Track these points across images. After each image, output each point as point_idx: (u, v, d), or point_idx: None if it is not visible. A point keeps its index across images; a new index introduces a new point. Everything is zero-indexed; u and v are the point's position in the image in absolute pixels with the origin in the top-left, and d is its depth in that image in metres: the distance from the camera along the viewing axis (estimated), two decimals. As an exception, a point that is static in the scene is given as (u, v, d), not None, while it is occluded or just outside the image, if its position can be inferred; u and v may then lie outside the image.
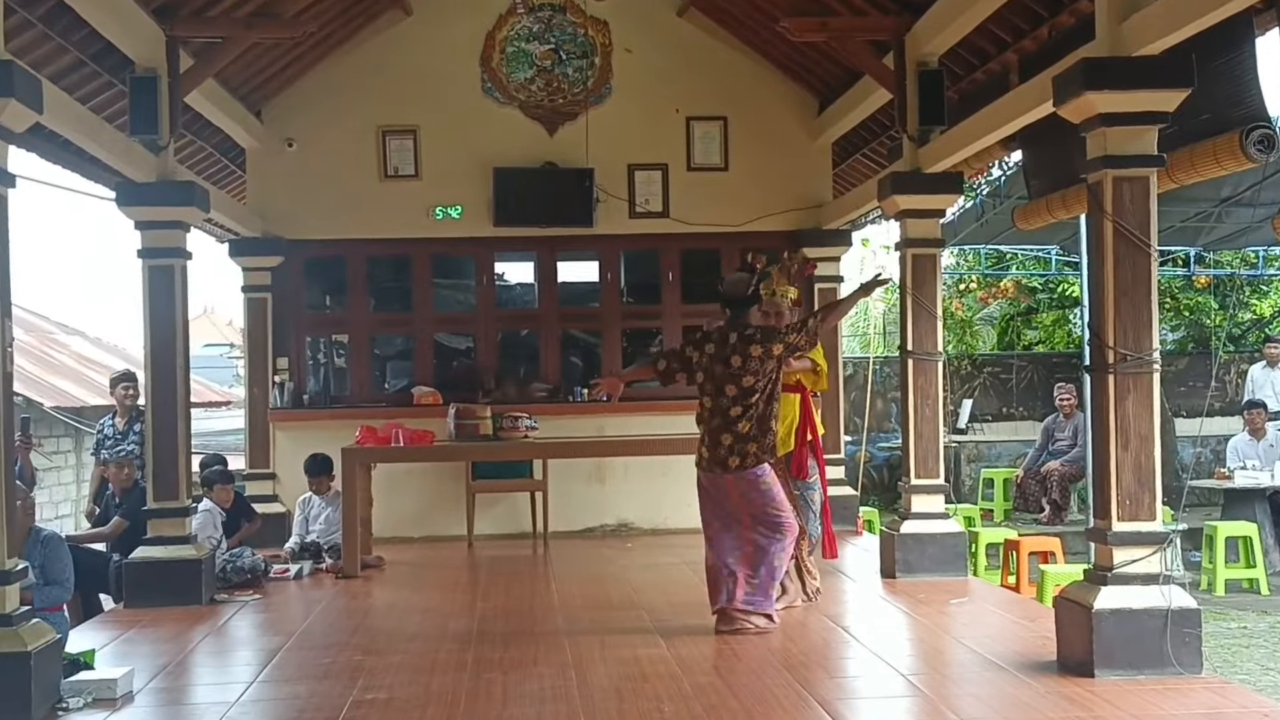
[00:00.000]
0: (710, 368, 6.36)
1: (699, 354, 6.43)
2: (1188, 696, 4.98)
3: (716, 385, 6.34)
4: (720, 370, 6.33)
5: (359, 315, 10.74)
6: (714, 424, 6.35)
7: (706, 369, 6.38)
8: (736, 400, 6.29)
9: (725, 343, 6.36)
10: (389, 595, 7.99)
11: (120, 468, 8.65)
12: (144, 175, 7.50)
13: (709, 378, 6.37)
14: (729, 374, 6.31)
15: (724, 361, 6.33)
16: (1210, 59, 5.73)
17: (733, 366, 6.30)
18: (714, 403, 6.35)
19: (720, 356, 6.35)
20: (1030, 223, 8.05)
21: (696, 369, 6.42)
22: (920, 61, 7.73)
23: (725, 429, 6.31)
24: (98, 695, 5.23)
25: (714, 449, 6.34)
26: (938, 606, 6.96)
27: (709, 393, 6.37)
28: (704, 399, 6.41)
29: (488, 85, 10.50)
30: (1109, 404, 5.41)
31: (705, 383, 6.39)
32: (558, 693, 5.27)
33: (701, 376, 6.40)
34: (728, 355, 6.33)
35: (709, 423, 6.38)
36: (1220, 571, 9.99)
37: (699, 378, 6.42)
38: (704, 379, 6.39)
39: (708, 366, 6.37)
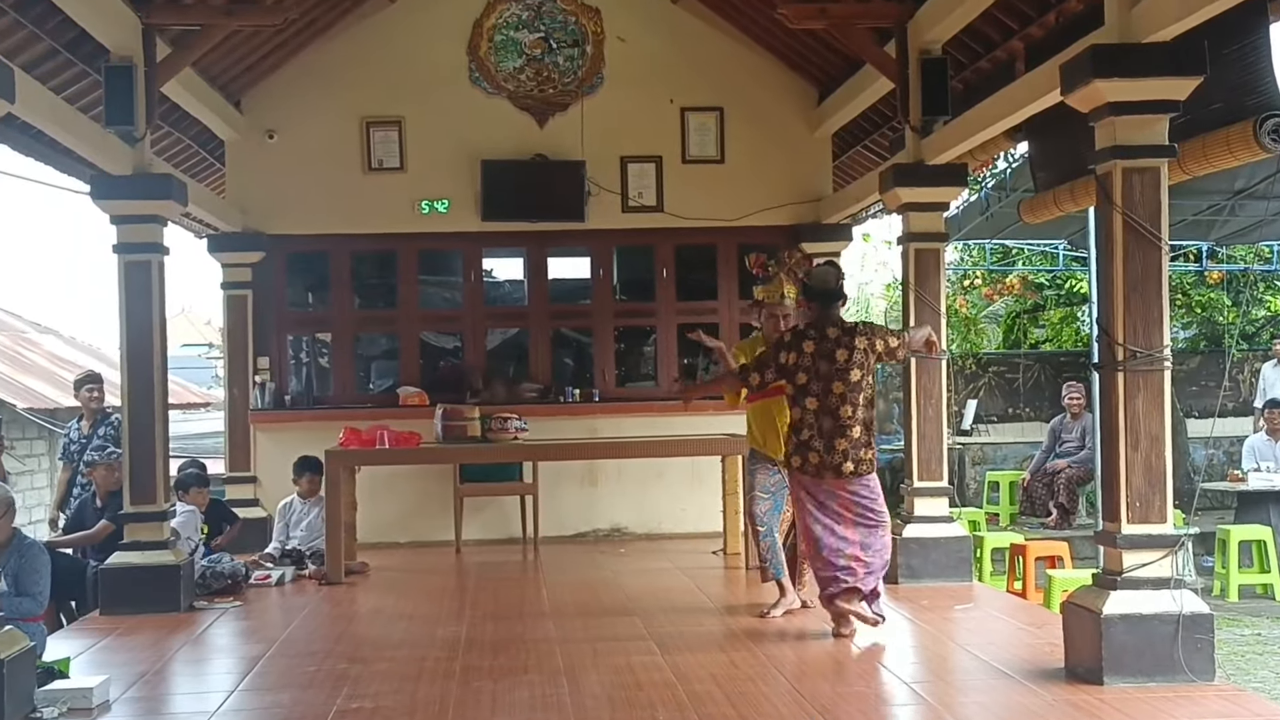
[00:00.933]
0: (814, 365, 6.04)
1: (796, 354, 6.07)
2: (1200, 705, 4.89)
3: (824, 384, 6.04)
4: (826, 367, 6.03)
5: (343, 313, 10.54)
6: (824, 426, 6.04)
7: (809, 368, 6.04)
8: (845, 398, 6.03)
9: (826, 337, 6.08)
10: (374, 601, 7.85)
11: (110, 470, 8.47)
12: (119, 168, 7.37)
13: (814, 376, 6.05)
14: (835, 370, 6.03)
15: (829, 357, 6.03)
16: (1223, 46, 5.65)
17: (838, 361, 6.03)
18: (821, 403, 6.04)
19: (824, 352, 6.05)
20: (1037, 216, 7.93)
21: (797, 370, 6.07)
22: (923, 50, 7.59)
23: (839, 433, 6.03)
24: (73, 705, 5.14)
25: (828, 454, 6.03)
26: (942, 613, 6.88)
27: (814, 393, 6.04)
28: (806, 400, 6.06)
29: (475, 75, 10.30)
30: (1118, 403, 5.32)
31: (810, 383, 6.05)
32: (549, 701, 5.18)
33: (805, 377, 6.06)
34: (832, 350, 6.05)
35: (817, 425, 6.05)
36: (1234, 576, 9.88)
37: (800, 379, 6.07)
38: (807, 379, 6.05)
39: (810, 365, 6.04)
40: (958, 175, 7.80)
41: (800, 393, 6.09)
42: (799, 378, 6.08)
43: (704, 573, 8.34)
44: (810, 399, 6.06)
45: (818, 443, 6.05)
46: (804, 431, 6.09)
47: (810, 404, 6.06)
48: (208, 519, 8.70)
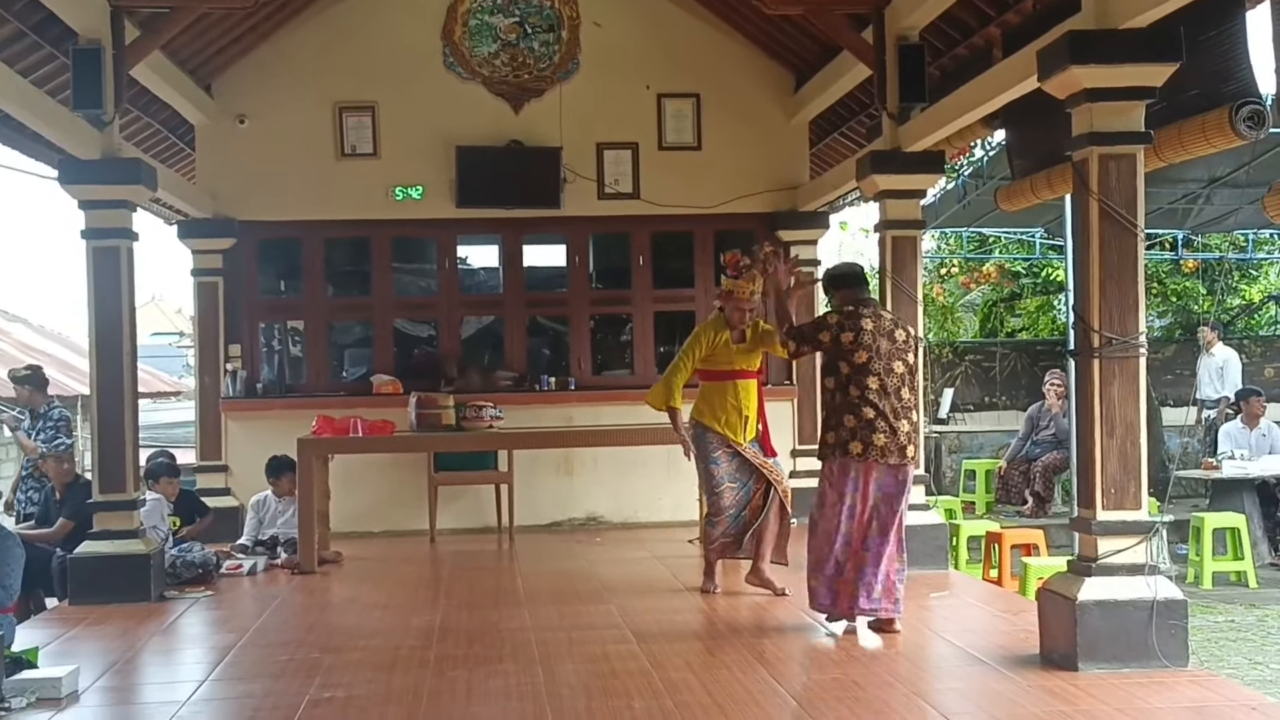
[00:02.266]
0: (875, 344, 5.83)
1: (853, 333, 5.84)
2: (1173, 690, 4.91)
3: (885, 363, 5.84)
4: (887, 346, 5.85)
5: (315, 300, 10.44)
6: (889, 406, 5.82)
7: (870, 346, 5.82)
8: (904, 380, 5.88)
9: (882, 317, 5.96)
10: (348, 591, 7.79)
11: (59, 462, 8.39)
12: (88, 152, 7.27)
13: (875, 355, 5.83)
14: (895, 350, 5.87)
15: (889, 336, 5.87)
16: (1199, 32, 5.64)
17: (897, 341, 5.89)
18: (882, 382, 5.82)
19: (884, 330, 5.88)
20: (1014, 203, 7.92)
21: (855, 349, 5.82)
22: (900, 36, 7.58)
23: (903, 414, 5.86)
24: (41, 695, 5.08)
25: (893, 435, 5.82)
26: (918, 600, 6.83)
27: (876, 372, 5.82)
28: (868, 379, 5.81)
29: (450, 60, 10.22)
30: (1094, 389, 5.33)
31: (871, 361, 5.82)
32: (524, 690, 5.14)
33: (865, 355, 5.81)
34: (892, 330, 5.91)
35: (879, 405, 5.81)
36: (1207, 564, 9.90)
37: (860, 357, 5.81)
38: (868, 357, 5.81)
39: (871, 344, 5.83)
40: (935, 162, 7.78)
41: (860, 371, 5.82)
42: (858, 356, 5.83)
43: (680, 561, 8.31)
44: (872, 378, 5.81)
45: (883, 423, 5.82)
46: (866, 410, 5.82)
47: (872, 383, 5.81)
48: (178, 510, 8.63)
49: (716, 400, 6.93)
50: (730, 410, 6.88)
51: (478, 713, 4.85)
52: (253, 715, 4.92)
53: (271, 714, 4.89)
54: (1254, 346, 16.47)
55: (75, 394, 14.70)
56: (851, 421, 5.86)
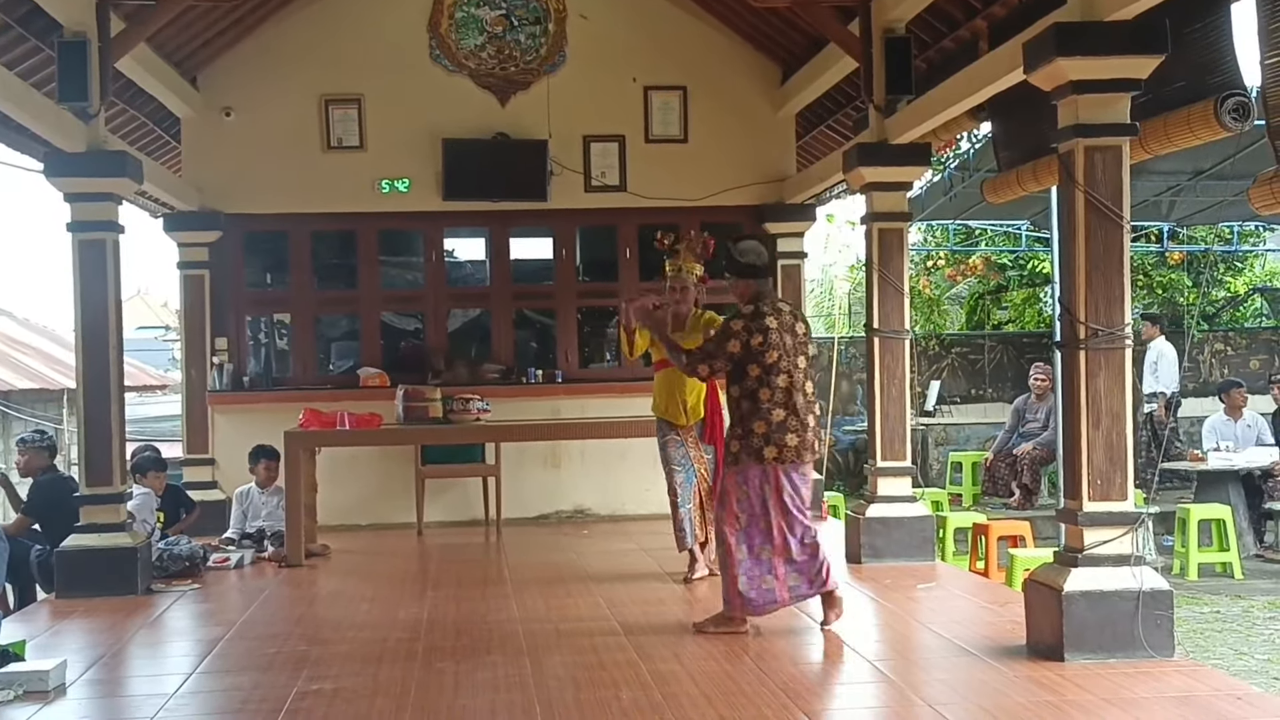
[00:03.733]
0: (781, 341, 5.73)
1: (760, 334, 5.71)
2: (1159, 680, 4.92)
3: (791, 359, 5.76)
4: (790, 342, 5.77)
5: (302, 293, 10.40)
6: (798, 403, 5.75)
7: (777, 344, 5.73)
8: (808, 375, 5.84)
9: (782, 312, 5.84)
10: (335, 584, 7.78)
11: (21, 454, 8.43)
12: (73, 145, 7.23)
13: (783, 353, 5.74)
14: (798, 345, 5.81)
15: (790, 331, 5.80)
16: (1185, 24, 5.66)
17: (799, 335, 5.83)
18: (790, 379, 5.74)
19: (786, 326, 5.79)
20: (1000, 196, 7.93)
21: (765, 350, 5.71)
22: (887, 28, 7.57)
23: (810, 409, 5.82)
24: (29, 688, 5.07)
25: (803, 432, 5.76)
26: (905, 592, 6.89)
27: (784, 369, 5.72)
28: (777, 379, 5.72)
29: (436, 52, 10.19)
30: (1080, 381, 5.34)
31: (780, 359, 5.72)
32: (512, 681, 5.14)
33: (775, 354, 5.71)
34: (792, 324, 5.83)
35: (790, 404, 5.73)
36: (1193, 555, 9.94)
37: (771, 357, 5.71)
38: (777, 357, 5.72)
39: (778, 341, 5.73)
40: (921, 155, 7.77)
41: (770, 371, 5.73)
42: (769, 356, 5.72)
43: (668, 554, 8.27)
44: (781, 376, 5.73)
45: (794, 421, 5.76)
46: (777, 412, 5.73)
47: (781, 381, 5.73)
48: (164, 505, 8.61)
49: (661, 387, 7.19)
50: (669, 397, 7.11)
51: (465, 704, 4.84)
52: (240, 707, 4.91)
53: (259, 706, 4.88)
54: (1239, 339, 16.54)
55: (61, 387, 14.67)
56: (762, 427, 5.75)
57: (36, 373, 14.83)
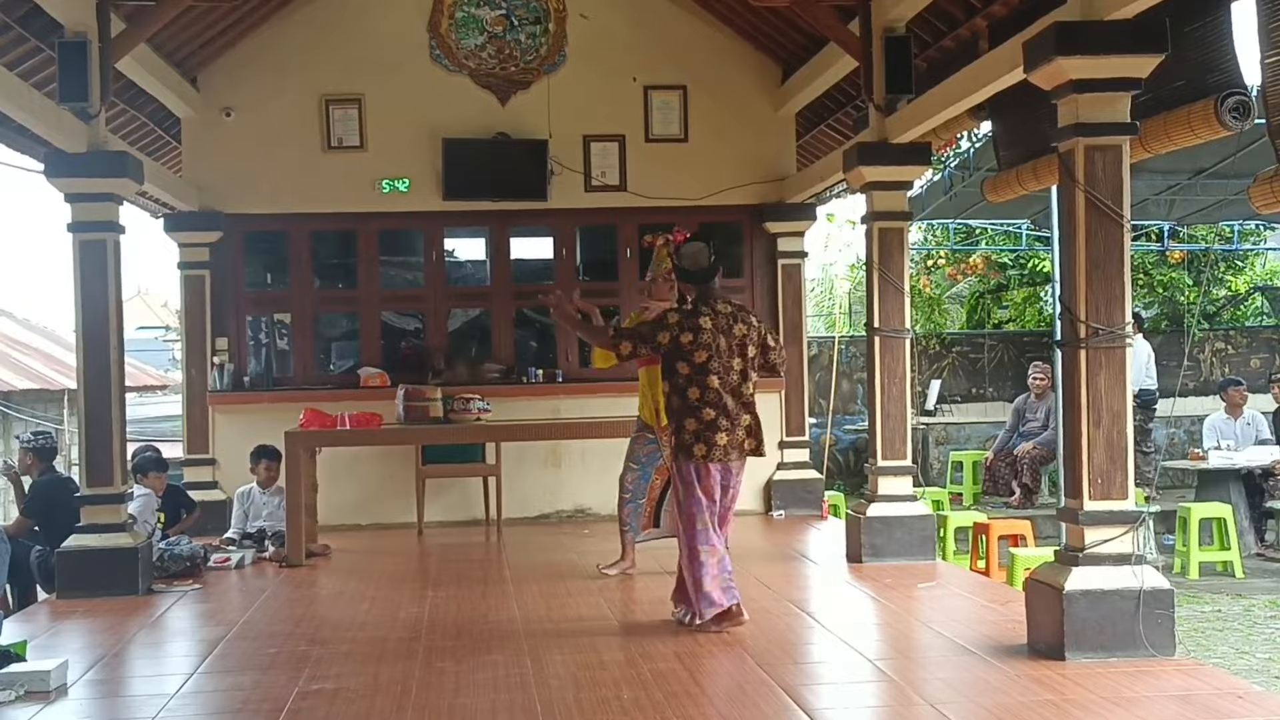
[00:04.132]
0: (714, 342, 5.86)
1: (692, 334, 5.85)
2: (1160, 678, 4.92)
3: (724, 361, 5.88)
4: (725, 343, 5.88)
5: (302, 293, 10.39)
6: (729, 404, 5.88)
7: (709, 345, 5.85)
8: (745, 375, 5.93)
9: (720, 313, 5.94)
10: (336, 584, 7.77)
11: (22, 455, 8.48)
12: (74, 145, 7.22)
13: (715, 354, 5.86)
14: (734, 346, 5.91)
15: (726, 332, 5.90)
16: (1185, 23, 5.66)
17: (736, 336, 5.91)
18: (723, 380, 5.87)
19: (722, 328, 5.90)
20: (1000, 195, 7.92)
21: (695, 348, 5.84)
22: (887, 28, 7.56)
23: (744, 410, 5.92)
24: (30, 688, 5.07)
25: (733, 432, 5.89)
26: (905, 591, 6.88)
27: (716, 370, 5.85)
28: (708, 379, 5.85)
29: (436, 52, 10.18)
30: (1080, 379, 5.34)
31: (710, 360, 5.85)
32: (512, 681, 5.13)
33: (705, 355, 5.84)
34: (729, 325, 5.92)
35: (721, 404, 5.87)
36: (1194, 554, 9.93)
37: (700, 357, 5.84)
38: (708, 356, 5.85)
39: (710, 342, 5.86)
40: (922, 154, 7.77)
41: (700, 371, 5.86)
42: (698, 355, 5.85)
43: (667, 554, 8.27)
44: (712, 376, 5.86)
45: (725, 421, 5.88)
46: (707, 411, 5.87)
47: (713, 382, 5.86)
48: (165, 505, 8.61)
49: (642, 389, 7.22)
50: (645, 397, 7.14)
51: (466, 703, 4.83)
52: (241, 707, 4.91)
53: (260, 705, 4.88)
54: (1240, 337, 16.52)
55: (61, 388, 14.67)
56: (693, 425, 5.88)
57: (37, 373, 14.83)
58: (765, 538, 9.24)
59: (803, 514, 10.21)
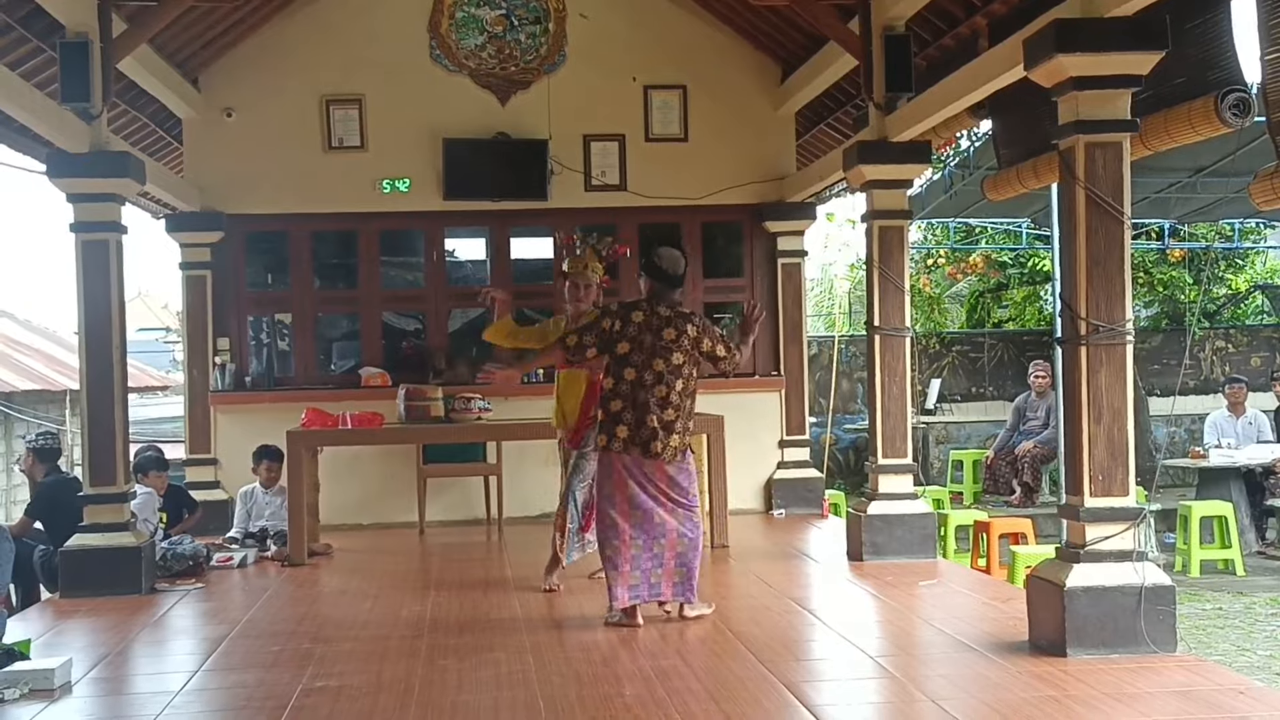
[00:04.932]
0: (639, 337, 5.93)
1: (621, 323, 5.96)
2: (1161, 675, 4.93)
3: (645, 358, 5.92)
4: (650, 340, 5.93)
5: (303, 293, 10.39)
6: (639, 400, 5.91)
7: (634, 338, 5.93)
8: (664, 378, 5.92)
9: (657, 313, 5.98)
10: (338, 583, 7.78)
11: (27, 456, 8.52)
12: (76, 145, 7.23)
13: (636, 348, 5.93)
14: (660, 347, 5.93)
15: (655, 332, 5.94)
16: (1185, 20, 5.66)
17: (664, 339, 5.94)
18: (638, 376, 5.92)
19: (651, 326, 5.95)
20: (1000, 193, 7.92)
21: (620, 338, 5.94)
22: (886, 26, 7.56)
23: (651, 409, 5.91)
24: (34, 686, 5.08)
25: (637, 429, 5.91)
26: (906, 589, 6.88)
27: (634, 364, 5.92)
28: (625, 370, 5.93)
29: (436, 52, 10.19)
30: (1081, 377, 5.35)
31: (632, 353, 5.93)
32: (515, 678, 5.14)
33: (627, 346, 5.94)
34: (660, 327, 5.95)
35: (631, 398, 5.92)
36: (1195, 552, 9.93)
37: (622, 348, 5.94)
38: (630, 349, 5.93)
39: (636, 336, 5.93)
40: (922, 152, 7.77)
41: (619, 362, 5.96)
42: (620, 346, 5.95)
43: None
44: (629, 369, 5.94)
45: (628, 415, 5.93)
46: (615, 403, 5.96)
47: (628, 374, 5.94)
48: (166, 505, 8.62)
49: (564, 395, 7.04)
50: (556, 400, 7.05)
51: (469, 701, 4.84)
52: (245, 705, 4.91)
53: (264, 703, 4.88)
54: (1240, 336, 16.53)
55: (63, 389, 14.67)
56: (602, 415, 6.03)
57: (39, 374, 14.83)
58: (766, 536, 9.24)
59: (803, 513, 10.22)
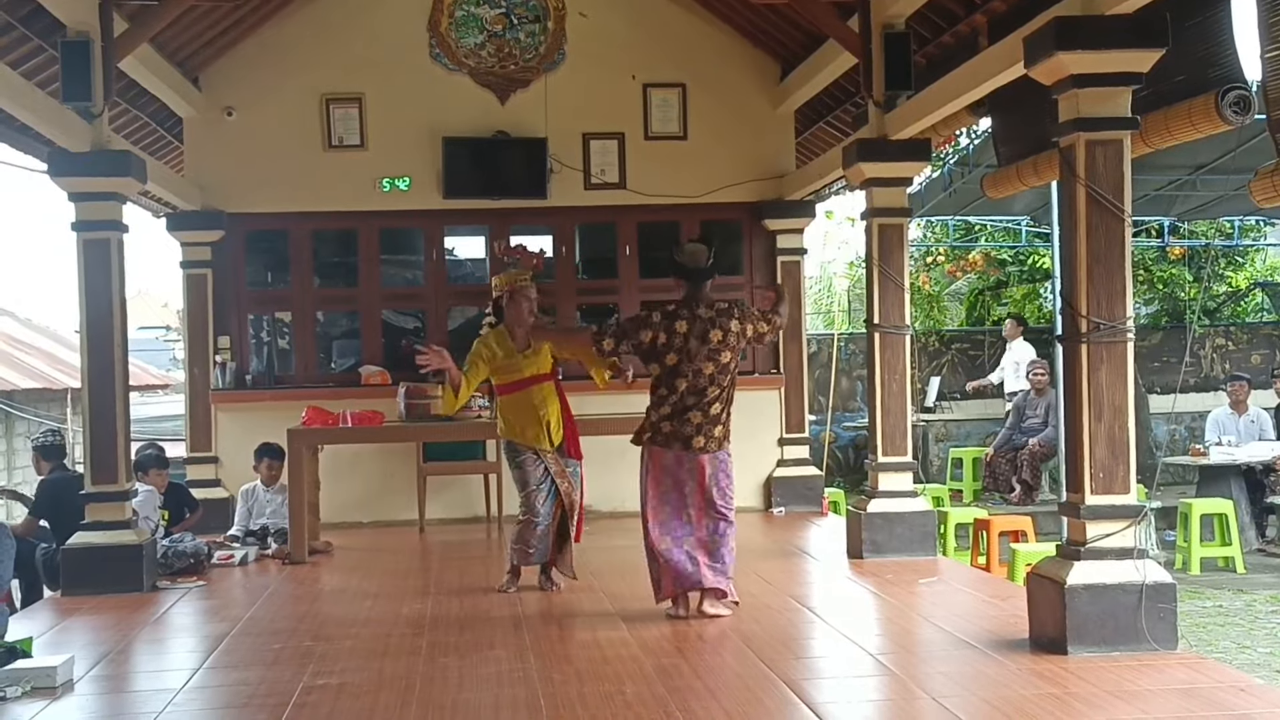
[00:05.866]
0: (685, 346, 6.02)
1: (666, 335, 6.02)
2: (1162, 672, 4.92)
3: (694, 365, 6.03)
4: (697, 347, 6.02)
5: (303, 292, 10.40)
6: (687, 402, 6.05)
7: (681, 349, 6.02)
8: (714, 379, 6.05)
9: (699, 318, 6.06)
10: (339, 581, 7.79)
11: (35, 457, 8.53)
12: (78, 144, 7.25)
13: (685, 358, 6.02)
14: (708, 351, 6.02)
15: (701, 338, 6.02)
16: (1185, 18, 5.66)
17: (711, 343, 6.03)
18: (690, 384, 6.04)
19: (697, 332, 6.03)
20: (1000, 190, 7.93)
21: (667, 351, 6.02)
22: (886, 24, 7.56)
23: (696, 407, 6.05)
24: (36, 684, 5.09)
25: (680, 425, 6.05)
26: (906, 586, 6.88)
27: (684, 374, 6.02)
28: (676, 381, 6.04)
29: (436, 51, 10.19)
30: (1081, 374, 5.35)
31: (680, 364, 6.02)
32: (515, 676, 5.14)
33: (675, 359, 6.03)
34: (705, 331, 6.03)
35: (678, 401, 6.05)
36: (1195, 550, 9.94)
37: (670, 360, 6.03)
38: (678, 360, 6.02)
39: (682, 346, 6.02)
40: (922, 150, 7.77)
41: (670, 373, 6.06)
42: (669, 359, 6.04)
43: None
44: (680, 380, 6.04)
45: (672, 415, 6.07)
46: (664, 408, 6.09)
47: (680, 385, 6.05)
48: (168, 503, 8.63)
49: (514, 413, 6.90)
50: (530, 421, 6.86)
51: (470, 698, 4.84)
52: (247, 702, 4.92)
53: (266, 700, 4.89)
54: (1240, 333, 16.54)
55: (64, 387, 14.68)
56: (653, 416, 6.16)
57: (40, 372, 14.84)
58: (766, 534, 9.25)
59: (803, 511, 10.22)
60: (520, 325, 6.91)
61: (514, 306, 6.91)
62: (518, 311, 6.90)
